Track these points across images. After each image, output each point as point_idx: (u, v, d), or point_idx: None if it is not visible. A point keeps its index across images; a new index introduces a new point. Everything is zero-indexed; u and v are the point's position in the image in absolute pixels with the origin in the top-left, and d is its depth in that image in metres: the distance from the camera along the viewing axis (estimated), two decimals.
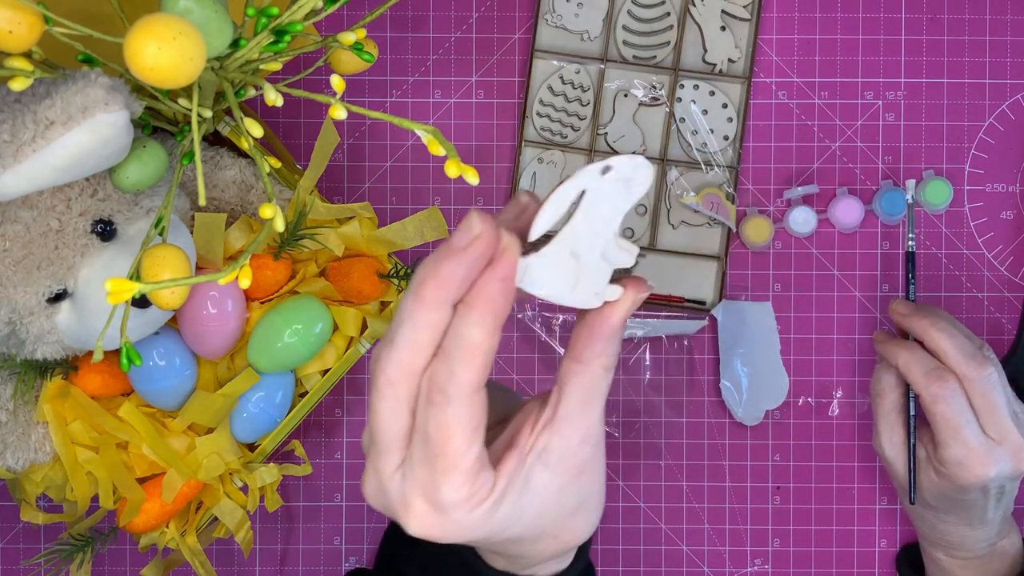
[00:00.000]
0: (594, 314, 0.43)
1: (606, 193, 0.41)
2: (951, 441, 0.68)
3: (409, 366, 0.41)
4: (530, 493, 0.44)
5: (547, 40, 0.79)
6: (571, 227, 0.41)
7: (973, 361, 0.68)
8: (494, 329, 0.40)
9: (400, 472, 0.42)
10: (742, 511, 0.80)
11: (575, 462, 0.45)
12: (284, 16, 0.52)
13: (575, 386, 0.43)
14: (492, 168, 0.80)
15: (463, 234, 0.39)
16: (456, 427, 0.40)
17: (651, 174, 0.41)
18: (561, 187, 0.40)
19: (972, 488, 0.69)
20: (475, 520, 0.42)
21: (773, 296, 0.80)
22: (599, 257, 0.42)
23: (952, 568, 0.74)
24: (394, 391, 0.41)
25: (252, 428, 0.69)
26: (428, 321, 0.40)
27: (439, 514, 0.42)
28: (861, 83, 0.80)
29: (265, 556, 0.80)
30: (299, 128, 0.80)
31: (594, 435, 0.45)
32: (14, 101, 0.53)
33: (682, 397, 0.80)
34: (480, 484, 0.42)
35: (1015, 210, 0.80)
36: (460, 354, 0.40)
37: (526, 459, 0.44)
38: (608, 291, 0.43)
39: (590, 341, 0.43)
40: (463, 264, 0.39)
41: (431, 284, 0.40)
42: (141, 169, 0.57)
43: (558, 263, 0.41)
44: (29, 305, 0.59)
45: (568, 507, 0.46)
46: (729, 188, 0.79)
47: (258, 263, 0.68)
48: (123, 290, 0.45)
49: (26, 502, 0.70)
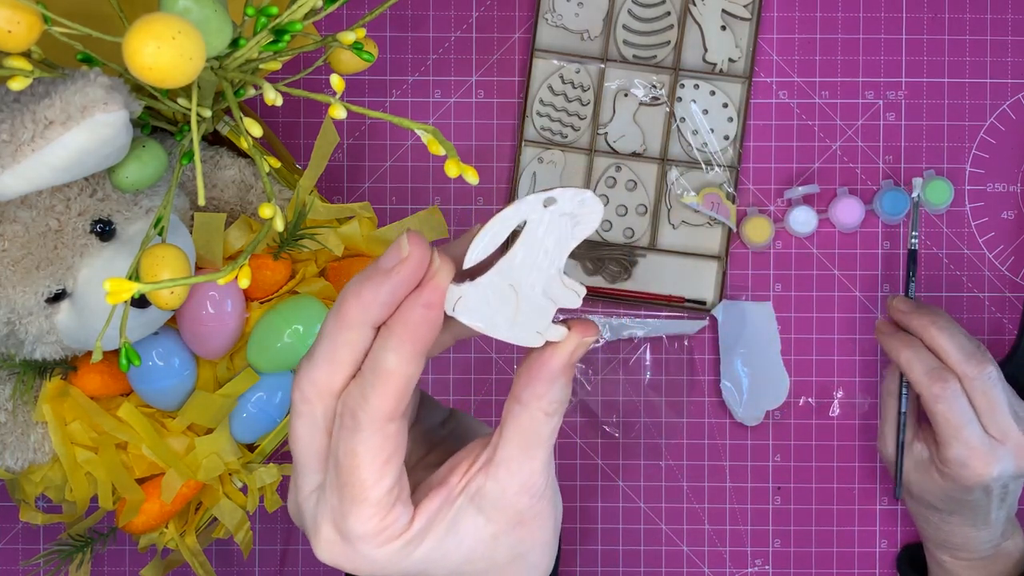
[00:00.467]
0: (536, 354, 0.40)
1: (550, 226, 0.39)
2: (953, 441, 0.68)
3: (326, 385, 0.39)
4: (457, 537, 0.41)
5: (547, 39, 0.79)
6: (509, 258, 0.39)
7: (973, 360, 0.68)
8: (413, 356, 0.37)
9: (316, 494, 0.41)
10: (742, 511, 0.80)
11: (512, 511, 0.41)
12: (283, 15, 0.52)
13: (514, 429, 0.40)
14: (492, 168, 0.80)
15: (391, 255, 0.37)
16: (365, 455, 0.38)
17: (600, 212, 0.39)
18: (500, 214, 0.38)
19: (975, 488, 0.69)
20: (385, 556, 0.40)
21: (774, 296, 0.80)
22: (541, 293, 0.39)
23: (956, 570, 0.74)
24: (310, 409, 0.39)
25: (251, 428, 0.69)
26: (347, 340, 0.38)
27: (346, 544, 0.40)
28: (862, 83, 0.80)
29: (265, 556, 0.80)
30: (299, 128, 0.80)
31: (536, 485, 0.41)
32: (13, 101, 0.52)
33: (682, 397, 0.80)
34: (393, 519, 0.39)
35: (1016, 210, 0.80)
36: (374, 379, 0.37)
37: (455, 500, 0.41)
38: (551, 331, 0.40)
39: (529, 382, 0.40)
40: (386, 286, 0.37)
41: (352, 303, 0.38)
42: (140, 169, 0.57)
43: (495, 295, 0.39)
44: (28, 305, 0.59)
45: (501, 558, 0.42)
46: (729, 188, 0.79)
47: (258, 263, 0.67)
48: (122, 290, 0.45)
49: (25, 502, 0.70)
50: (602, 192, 0.79)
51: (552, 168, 0.79)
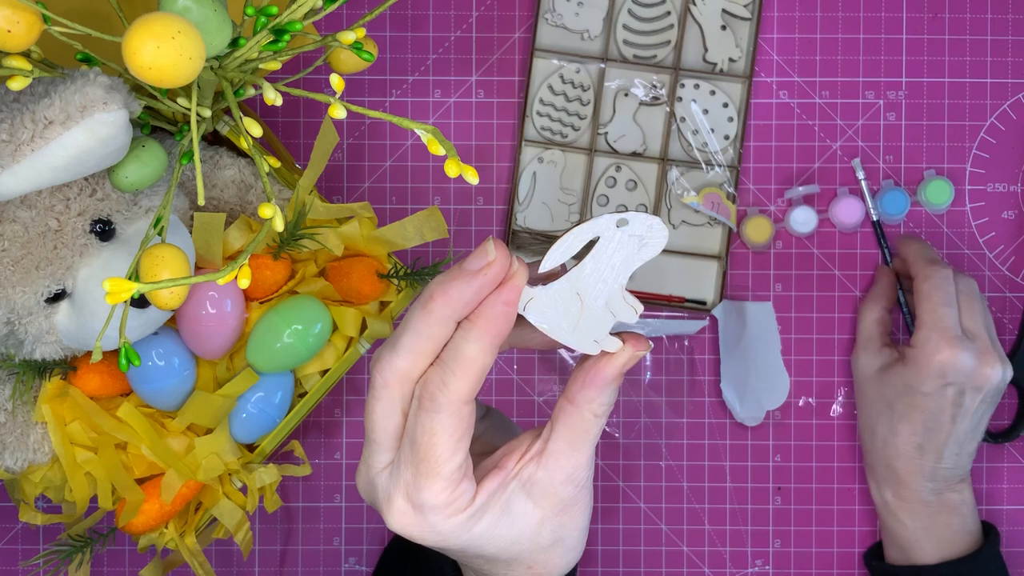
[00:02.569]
0: (591, 362, 0.45)
1: (619, 244, 0.43)
2: (928, 317, 0.71)
3: (406, 373, 0.43)
4: (509, 517, 0.46)
5: (547, 39, 0.79)
6: (580, 269, 0.43)
7: (966, 275, 0.74)
8: (490, 348, 0.43)
9: (388, 470, 0.45)
10: (743, 512, 0.80)
11: (557, 499, 0.46)
12: (283, 15, 0.52)
13: (565, 426, 0.45)
14: (492, 168, 0.80)
15: (477, 258, 0.42)
16: (442, 434, 0.43)
17: (665, 238, 0.43)
18: (576, 228, 0.42)
19: (933, 375, 0.71)
20: (451, 527, 0.45)
21: (774, 296, 0.80)
22: (603, 306, 0.43)
23: (899, 513, 0.74)
24: (389, 393, 0.44)
25: (251, 428, 0.69)
26: (431, 334, 0.43)
27: (418, 515, 0.44)
28: (862, 82, 0.80)
29: (264, 557, 0.80)
30: (298, 128, 0.80)
31: (580, 477, 0.46)
32: (12, 101, 0.52)
33: (683, 397, 0.80)
34: (460, 492, 0.44)
35: (1016, 210, 0.80)
36: (455, 367, 0.42)
37: (509, 483, 0.46)
38: (607, 342, 0.44)
39: (583, 387, 0.45)
40: (472, 286, 0.42)
41: (440, 300, 0.42)
42: (140, 169, 0.57)
43: (562, 300, 0.43)
44: (28, 305, 0.59)
45: (545, 541, 0.47)
46: (730, 188, 0.78)
47: (257, 263, 0.67)
48: (122, 290, 0.45)
49: (25, 503, 0.70)
50: (602, 192, 0.79)
51: (552, 168, 0.79)
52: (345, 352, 0.70)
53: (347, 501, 0.80)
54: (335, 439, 0.80)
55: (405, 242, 0.69)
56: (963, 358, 0.70)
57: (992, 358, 0.71)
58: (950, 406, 0.71)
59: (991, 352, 0.71)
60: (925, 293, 0.72)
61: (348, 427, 0.80)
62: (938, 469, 0.72)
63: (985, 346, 0.71)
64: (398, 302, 0.71)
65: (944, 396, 0.71)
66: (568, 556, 0.49)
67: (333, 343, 0.70)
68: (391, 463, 0.45)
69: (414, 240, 0.69)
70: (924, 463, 0.72)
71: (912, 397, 0.72)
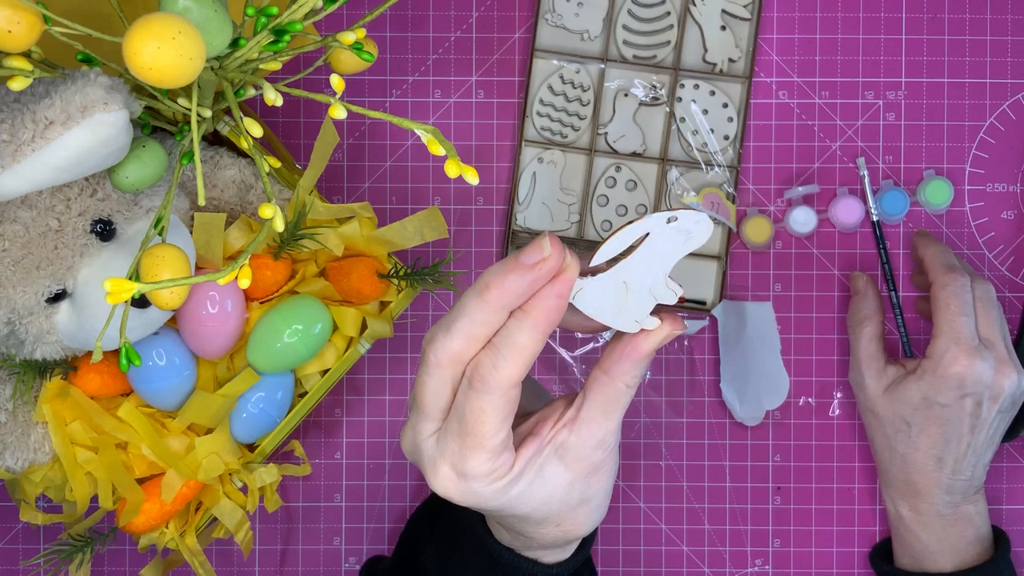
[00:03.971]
0: (629, 337, 0.48)
1: (667, 238, 0.46)
2: (946, 328, 0.71)
3: (458, 354, 0.46)
4: (542, 480, 0.49)
5: (547, 39, 0.79)
6: (630, 261, 0.46)
7: (982, 277, 0.73)
8: (541, 336, 0.46)
9: (435, 437, 0.48)
10: (742, 511, 0.80)
11: (588, 463, 0.50)
12: (283, 16, 0.52)
13: (598, 395, 0.49)
14: (492, 168, 0.80)
15: (533, 253, 0.45)
16: (490, 413, 0.46)
17: (710, 230, 0.46)
18: (630, 226, 0.46)
19: (951, 386, 0.70)
20: (491, 492, 0.48)
21: (774, 296, 0.80)
22: (647, 291, 0.47)
23: (914, 526, 0.74)
24: (440, 372, 0.47)
25: (252, 428, 0.69)
26: (485, 320, 0.45)
27: (461, 481, 0.48)
28: (862, 83, 0.80)
29: (264, 556, 0.80)
30: (299, 128, 0.80)
31: (609, 442, 0.50)
32: (13, 101, 0.53)
33: (682, 397, 0.80)
34: (501, 463, 0.48)
35: (1016, 210, 0.80)
36: (507, 352, 0.45)
37: (544, 449, 0.49)
38: (647, 321, 0.48)
39: (619, 360, 0.48)
40: (528, 279, 0.45)
41: (496, 291, 0.45)
42: (140, 169, 0.57)
43: (610, 289, 0.47)
44: (28, 305, 0.59)
45: (573, 501, 0.51)
46: (729, 188, 0.79)
47: (258, 263, 0.67)
48: (122, 290, 0.45)
49: (25, 502, 0.70)
50: (602, 192, 0.79)
51: (552, 168, 0.79)
52: (345, 352, 0.70)
53: (347, 501, 0.80)
54: (335, 439, 0.80)
55: (405, 242, 0.69)
56: (981, 368, 0.70)
57: (1009, 368, 0.71)
58: (968, 416, 0.71)
59: (1008, 362, 0.71)
60: (943, 302, 0.71)
61: (348, 427, 0.80)
62: (956, 481, 0.72)
63: (1002, 355, 0.71)
64: (398, 302, 0.71)
65: (962, 407, 0.71)
66: (593, 515, 0.53)
67: (333, 343, 0.70)
68: (437, 431, 0.48)
69: (414, 240, 0.69)
70: (943, 475, 0.72)
71: (930, 409, 0.71)
